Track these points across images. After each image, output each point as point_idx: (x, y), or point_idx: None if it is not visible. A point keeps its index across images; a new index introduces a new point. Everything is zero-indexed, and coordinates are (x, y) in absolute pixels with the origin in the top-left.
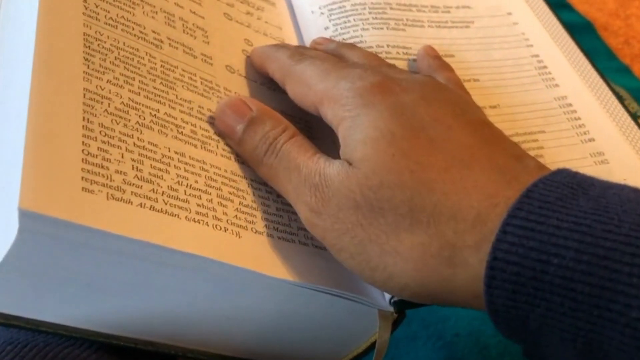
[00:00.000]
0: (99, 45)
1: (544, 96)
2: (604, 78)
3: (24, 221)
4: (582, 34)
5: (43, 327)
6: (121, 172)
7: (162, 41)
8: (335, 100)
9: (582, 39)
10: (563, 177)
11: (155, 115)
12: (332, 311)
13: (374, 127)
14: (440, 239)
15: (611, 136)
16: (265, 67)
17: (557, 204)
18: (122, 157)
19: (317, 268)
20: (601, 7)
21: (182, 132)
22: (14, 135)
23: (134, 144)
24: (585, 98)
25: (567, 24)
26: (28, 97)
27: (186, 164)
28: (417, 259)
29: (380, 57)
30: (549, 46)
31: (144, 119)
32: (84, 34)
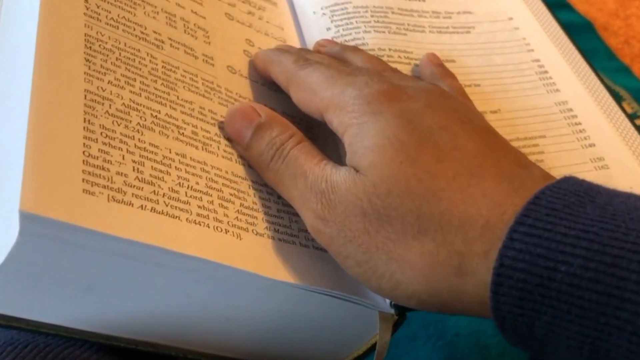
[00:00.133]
0: (100, 45)
1: (544, 101)
2: (604, 82)
3: (25, 223)
4: (582, 34)
5: (43, 328)
6: (122, 174)
7: (163, 42)
8: (342, 107)
9: (582, 39)
10: (570, 185)
11: (156, 116)
12: (333, 313)
13: (382, 135)
14: (448, 247)
15: (611, 141)
16: (268, 71)
17: (564, 212)
18: (123, 158)
19: (317, 270)
20: (601, 7)
21: (183, 134)
22: (15, 137)
23: (135, 145)
24: (586, 103)
25: (566, 24)
26: (29, 98)
27: (187, 165)
28: (425, 267)
29: (384, 61)
30: (550, 51)
31: (145, 120)
32: (85, 34)
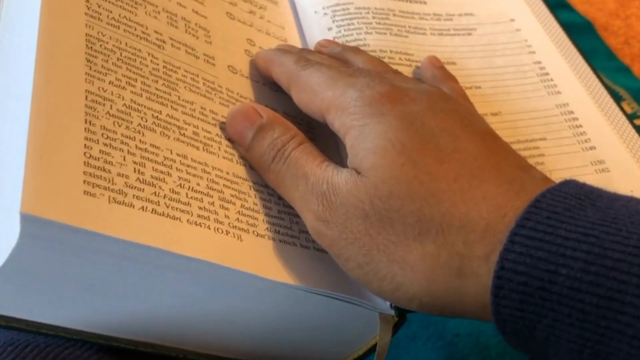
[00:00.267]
0: (101, 46)
1: (545, 103)
2: (604, 84)
3: (26, 225)
4: (582, 34)
5: (44, 329)
6: (123, 175)
7: (164, 41)
8: (343, 108)
9: (582, 39)
10: (570, 188)
11: (157, 117)
12: (333, 314)
13: (384, 137)
14: (449, 249)
15: (612, 144)
16: (269, 71)
17: (565, 215)
18: (124, 159)
19: (318, 271)
20: (601, 7)
21: (184, 134)
22: (16, 138)
23: (136, 146)
24: (587, 105)
25: (566, 24)
26: (30, 99)
27: (188, 166)
28: (426, 270)
29: (385, 63)
30: (551, 53)
31: (146, 121)
32: (86, 34)
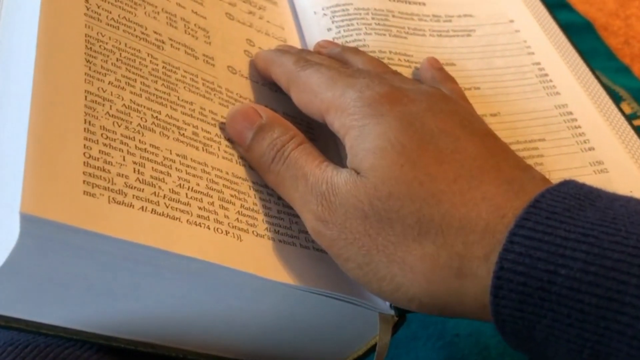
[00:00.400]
0: (100, 46)
1: (544, 104)
2: (603, 85)
3: (25, 225)
4: (582, 34)
5: (43, 329)
6: (123, 175)
7: (163, 42)
8: (343, 109)
9: (582, 39)
10: (570, 188)
11: (156, 117)
12: (333, 314)
13: (383, 138)
14: (449, 250)
15: (611, 145)
16: (269, 72)
17: (565, 215)
18: (124, 160)
19: (318, 271)
20: (601, 7)
21: (183, 134)
22: (16, 138)
23: (136, 146)
24: (586, 106)
25: (566, 24)
26: (29, 100)
27: (188, 166)
28: (425, 270)
29: (384, 64)
30: (550, 53)
31: (146, 121)
32: (86, 35)
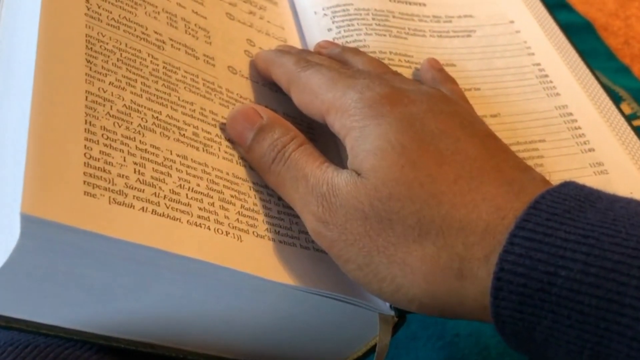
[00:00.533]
0: (101, 46)
1: (545, 105)
2: (603, 86)
3: (26, 226)
4: (581, 34)
5: (43, 329)
6: (123, 176)
7: (164, 42)
8: (343, 110)
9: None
10: (570, 190)
11: (157, 117)
12: (333, 314)
13: (384, 139)
14: (449, 251)
15: (611, 146)
16: (269, 72)
17: (565, 216)
18: (124, 160)
19: (318, 272)
20: (601, 7)
21: (184, 135)
22: (16, 139)
23: (136, 147)
24: (586, 107)
25: (566, 25)
26: (30, 100)
27: (188, 167)
28: (425, 271)
29: (385, 64)
30: (550, 54)
31: (146, 122)
32: (86, 35)
